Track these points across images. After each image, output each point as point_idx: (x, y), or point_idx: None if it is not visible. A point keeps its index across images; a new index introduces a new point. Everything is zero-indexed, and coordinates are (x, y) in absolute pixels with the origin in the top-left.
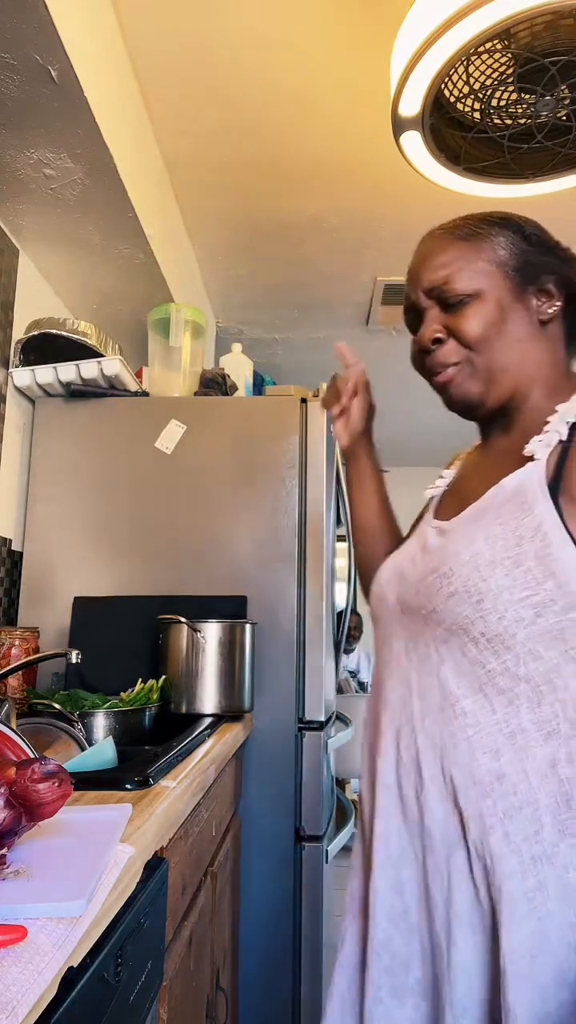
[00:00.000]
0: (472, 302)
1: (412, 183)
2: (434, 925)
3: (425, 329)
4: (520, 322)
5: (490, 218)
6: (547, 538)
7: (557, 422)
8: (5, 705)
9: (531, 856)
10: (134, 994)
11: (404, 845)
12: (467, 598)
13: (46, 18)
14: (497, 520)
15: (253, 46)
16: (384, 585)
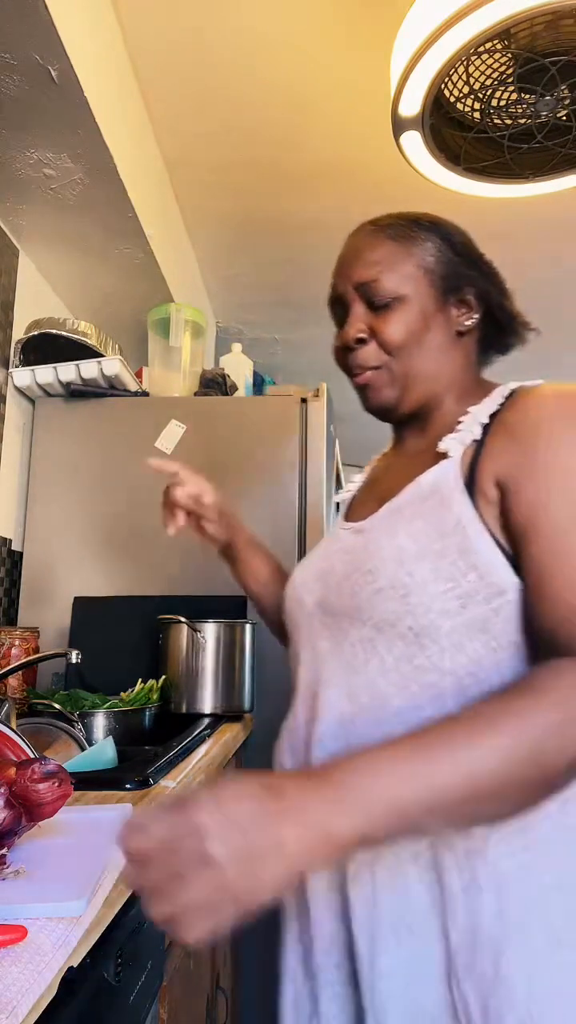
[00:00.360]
0: (398, 306)
1: (412, 183)
2: (356, 932)
3: (350, 327)
4: (439, 331)
5: (421, 221)
6: (466, 532)
7: (470, 422)
8: (5, 705)
9: (464, 851)
10: (134, 994)
11: None
12: (393, 593)
13: (46, 18)
14: (417, 515)
15: (253, 46)
16: (301, 588)
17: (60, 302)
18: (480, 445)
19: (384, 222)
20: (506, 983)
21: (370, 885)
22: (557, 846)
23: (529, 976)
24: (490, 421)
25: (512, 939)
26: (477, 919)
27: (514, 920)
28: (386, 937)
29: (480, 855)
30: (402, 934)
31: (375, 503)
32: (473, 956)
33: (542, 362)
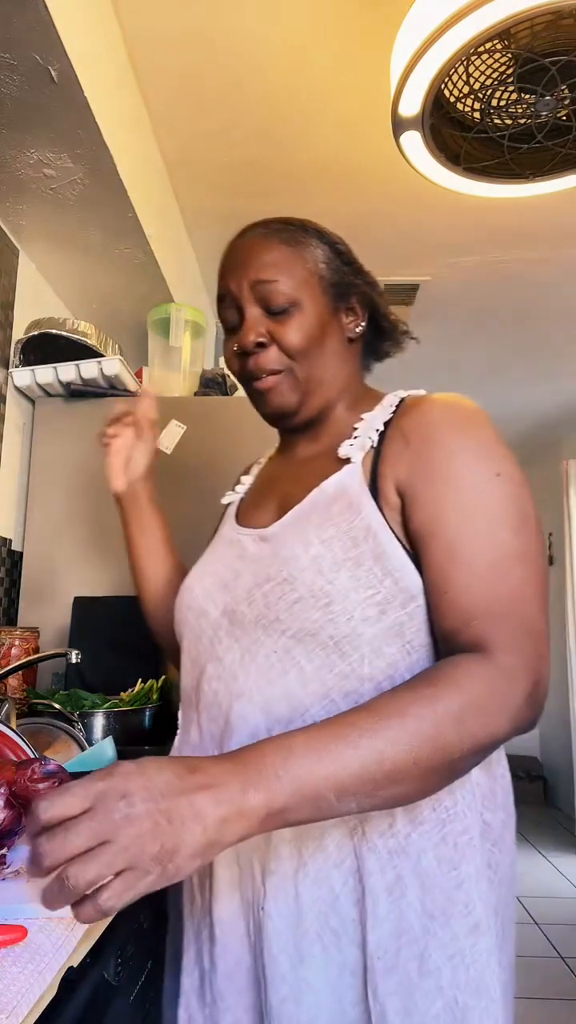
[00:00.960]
0: (296, 312)
1: (412, 183)
2: (269, 954)
3: (248, 332)
4: (334, 337)
5: (307, 227)
6: (378, 538)
7: (367, 428)
8: (5, 705)
9: (387, 851)
10: (134, 994)
11: (245, 866)
12: (314, 603)
13: (46, 18)
14: (328, 522)
15: (253, 46)
16: (203, 598)
17: (60, 302)
18: (378, 452)
19: (274, 226)
20: (433, 975)
21: (293, 897)
22: (474, 838)
23: (453, 964)
24: (385, 428)
25: (436, 932)
26: (402, 918)
27: (438, 913)
28: (311, 945)
29: (403, 853)
30: (327, 940)
31: (274, 508)
32: (396, 958)
33: (542, 362)
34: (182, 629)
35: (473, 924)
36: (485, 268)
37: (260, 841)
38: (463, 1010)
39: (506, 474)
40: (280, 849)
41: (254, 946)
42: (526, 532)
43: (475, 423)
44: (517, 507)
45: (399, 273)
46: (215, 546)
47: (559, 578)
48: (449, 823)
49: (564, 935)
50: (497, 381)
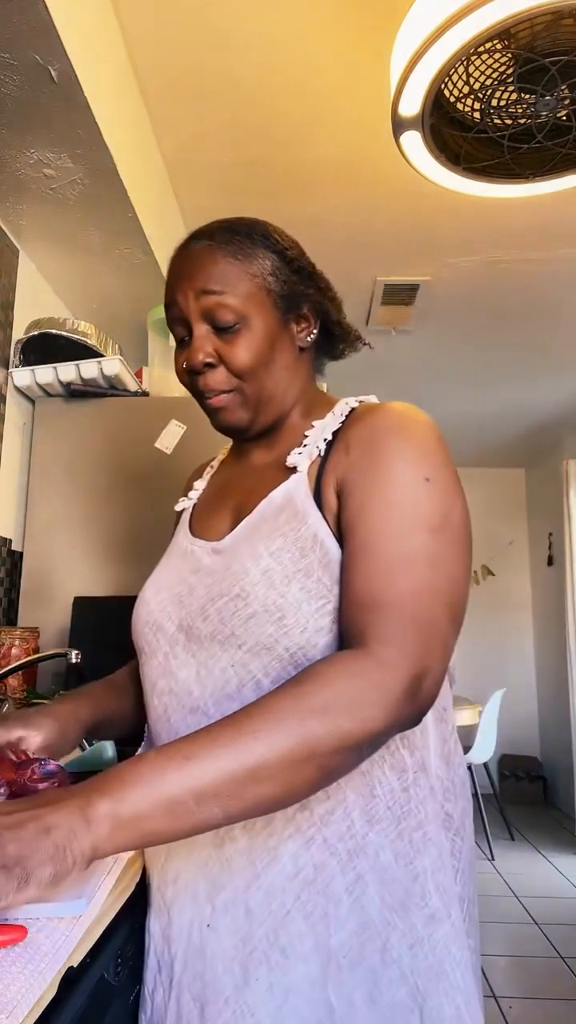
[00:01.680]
0: (243, 330)
1: (412, 183)
2: (212, 974)
3: (196, 351)
4: (284, 350)
5: (254, 234)
6: (324, 546)
7: (315, 437)
8: (5, 705)
9: (347, 852)
10: (134, 994)
11: (184, 885)
12: (268, 617)
13: (46, 18)
14: (276, 532)
15: (253, 47)
16: (158, 612)
17: (60, 302)
18: (324, 460)
19: (220, 239)
20: (396, 963)
21: (244, 912)
22: (429, 832)
23: (412, 952)
24: (333, 438)
25: (396, 923)
26: (363, 914)
27: (396, 905)
28: (257, 966)
29: (361, 852)
30: (274, 960)
31: (228, 519)
32: (361, 952)
33: (542, 362)
34: (140, 644)
35: (430, 914)
36: (485, 268)
37: (211, 854)
38: (424, 995)
39: (437, 480)
40: (233, 861)
41: (185, 971)
42: (445, 538)
43: (416, 431)
44: (440, 513)
45: (399, 273)
46: (170, 556)
47: (559, 578)
48: (404, 819)
49: (564, 935)
50: (497, 381)
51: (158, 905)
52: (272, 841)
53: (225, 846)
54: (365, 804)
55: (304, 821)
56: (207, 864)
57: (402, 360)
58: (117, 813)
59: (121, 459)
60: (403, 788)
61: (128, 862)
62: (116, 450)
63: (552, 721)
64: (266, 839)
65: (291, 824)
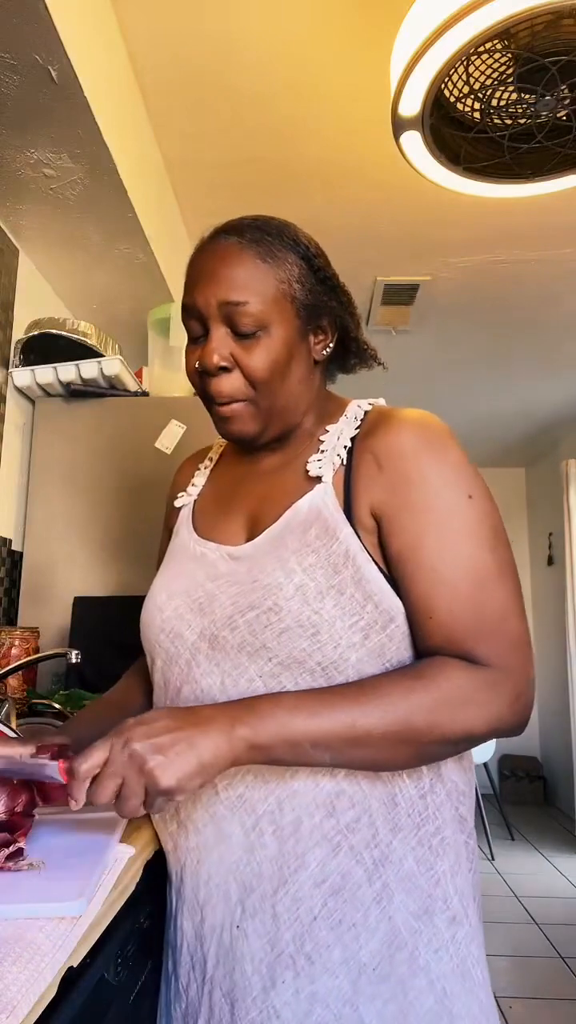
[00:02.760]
0: (263, 337)
1: (412, 183)
2: (241, 973)
3: (212, 353)
4: (301, 362)
5: (284, 237)
6: (356, 562)
7: (333, 442)
8: (5, 705)
9: (373, 861)
10: (134, 994)
11: (216, 886)
12: (302, 632)
13: (46, 18)
14: (306, 548)
15: (253, 46)
16: (175, 619)
17: (60, 302)
18: (349, 470)
19: (249, 236)
20: (423, 971)
21: (271, 916)
22: (447, 836)
23: (439, 956)
24: (352, 444)
25: (421, 930)
26: (391, 923)
27: (421, 912)
28: (284, 971)
29: (386, 861)
30: (300, 965)
31: (242, 524)
32: (391, 964)
33: (542, 362)
34: (154, 651)
35: (452, 916)
36: (485, 268)
37: (242, 858)
38: (451, 997)
39: (477, 495)
40: (263, 867)
41: (217, 968)
42: (501, 549)
43: (445, 445)
44: (490, 526)
45: (399, 273)
46: (177, 557)
47: (559, 578)
48: (423, 826)
49: (564, 935)
50: (497, 381)
51: (191, 904)
52: (300, 848)
53: (255, 851)
54: (388, 813)
55: (331, 829)
56: (238, 867)
57: (402, 360)
58: (252, 741)
59: (121, 459)
60: (420, 795)
61: (128, 862)
62: (116, 450)
63: (552, 721)
64: (294, 845)
65: (318, 831)
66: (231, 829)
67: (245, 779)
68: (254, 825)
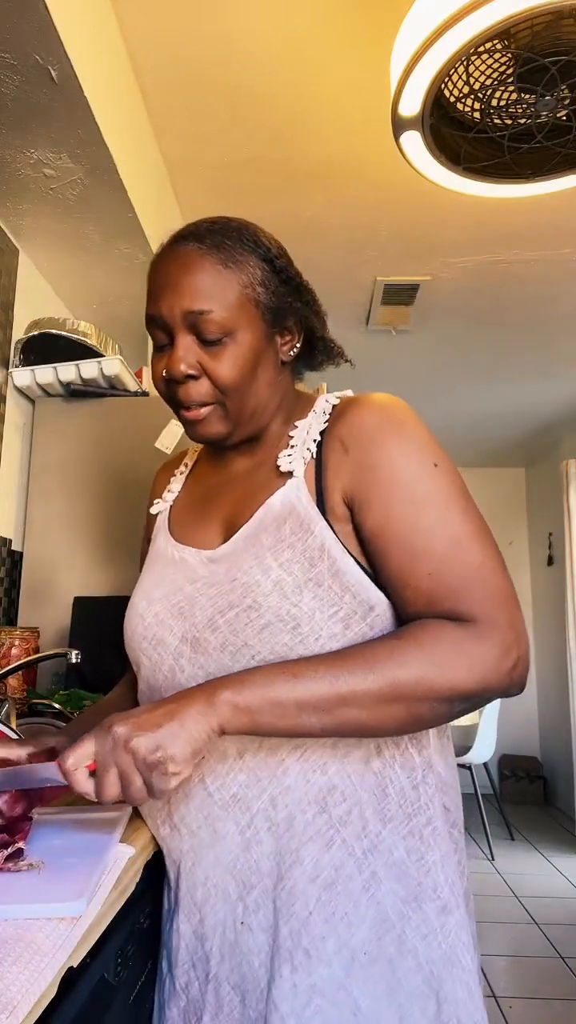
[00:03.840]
0: (229, 343)
1: (412, 183)
2: (249, 966)
3: (178, 361)
4: (268, 364)
5: (244, 240)
6: (332, 555)
7: (303, 437)
8: (5, 705)
9: (362, 851)
10: (134, 994)
11: (214, 886)
12: (283, 627)
13: (46, 18)
14: (282, 543)
15: (253, 46)
16: (156, 626)
17: (60, 302)
18: (319, 464)
19: (209, 242)
20: (411, 953)
21: (272, 911)
22: (438, 827)
23: (427, 943)
24: (321, 438)
25: (410, 916)
26: (379, 908)
27: (410, 899)
28: (282, 965)
29: (375, 851)
30: (298, 959)
31: (218, 527)
32: (379, 945)
33: (542, 362)
34: (138, 658)
35: (442, 906)
36: (485, 268)
37: (239, 856)
38: (439, 981)
39: (442, 464)
40: (261, 863)
41: (222, 964)
42: (472, 512)
43: (405, 422)
44: (458, 491)
45: (399, 273)
46: (155, 564)
47: (559, 578)
48: (414, 816)
49: (564, 935)
50: (497, 381)
51: (188, 906)
52: (294, 843)
53: (252, 848)
54: (378, 803)
55: (324, 824)
56: (235, 866)
57: (402, 360)
58: (235, 702)
59: (121, 459)
60: (413, 786)
61: (128, 862)
62: (116, 450)
63: (552, 721)
64: (289, 841)
65: (311, 827)
66: (226, 829)
67: (238, 779)
68: (249, 823)
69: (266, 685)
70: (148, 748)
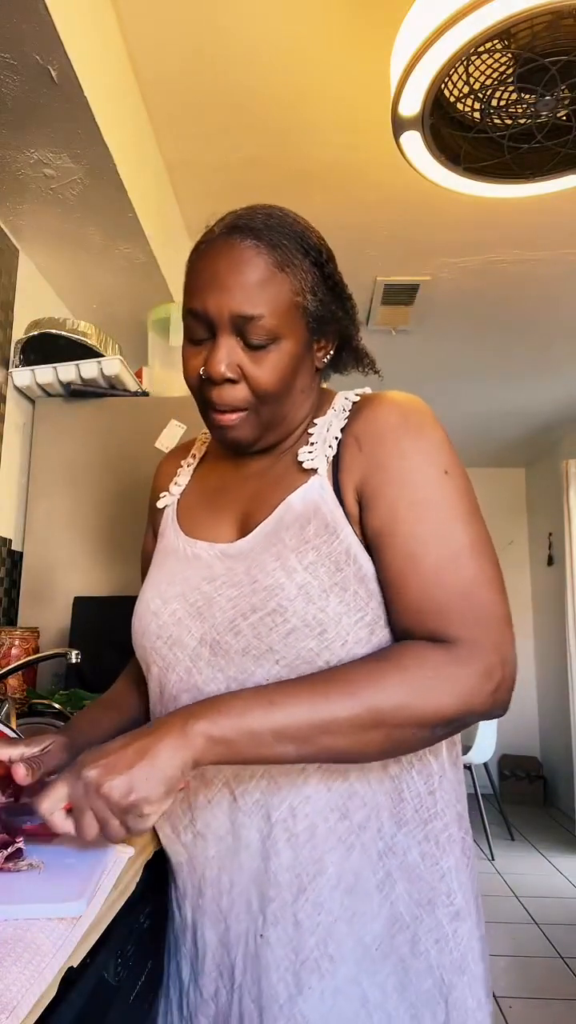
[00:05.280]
0: (274, 349)
1: (412, 183)
2: (267, 981)
3: (219, 363)
4: (305, 372)
5: (301, 241)
6: (358, 560)
7: (323, 434)
8: (5, 705)
9: (377, 852)
10: (134, 994)
11: (239, 894)
12: (309, 632)
13: (46, 18)
14: (306, 545)
15: (253, 46)
16: (173, 625)
17: (60, 302)
18: (336, 462)
19: (267, 239)
20: (423, 956)
21: (293, 924)
22: (453, 833)
23: (439, 947)
24: (341, 435)
25: (423, 919)
26: (393, 909)
27: (424, 902)
28: (310, 975)
29: (390, 852)
30: (324, 967)
31: (232, 522)
32: (391, 944)
33: (542, 362)
34: (150, 657)
35: (455, 912)
36: (485, 268)
37: (260, 866)
38: (449, 987)
39: (453, 471)
40: (279, 875)
41: (245, 975)
42: (476, 524)
43: (423, 423)
44: (466, 502)
45: (399, 273)
46: (167, 559)
47: (559, 578)
48: (430, 821)
49: (564, 935)
50: (497, 381)
51: (214, 914)
52: (316, 853)
53: (271, 859)
54: (393, 807)
55: (344, 830)
56: (257, 876)
57: (402, 360)
58: (210, 733)
59: (121, 459)
60: (429, 792)
61: (128, 862)
62: (116, 450)
63: (552, 721)
64: (311, 851)
65: (333, 834)
66: (250, 836)
67: (260, 784)
68: (269, 833)
69: (243, 714)
70: (121, 792)
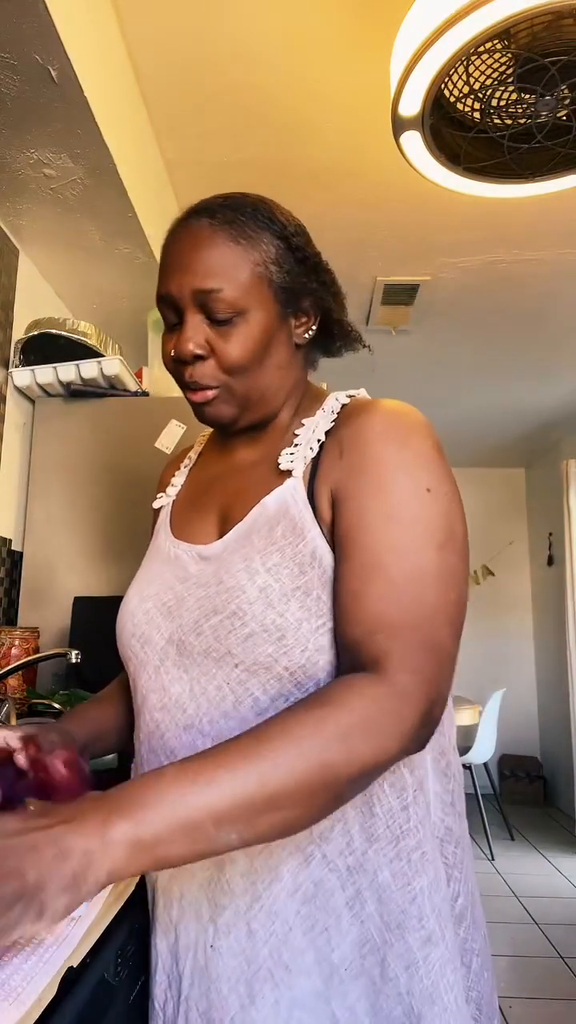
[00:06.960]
0: (240, 323)
1: (412, 183)
2: (217, 992)
3: (186, 341)
4: (280, 347)
5: (259, 215)
6: (323, 563)
7: (307, 437)
8: (5, 705)
9: (346, 868)
10: (134, 994)
11: (189, 904)
12: (267, 637)
13: (46, 18)
14: (272, 546)
15: (253, 46)
16: (145, 624)
17: (60, 302)
18: (315, 464)
19: (221, 217)
20: (392, 982)
21: (246, 933)
22: (427, 852)
23: (408, 974)
24: (325, 438)
25: (393, 943)
26: (363, 928)
27: (394, 925)
28: (263, 984)
29: (360, 869)
30: (279, 976)
31: (213, 522)
32: (362, 964)
33: (542, 362)
34: (127, 656)
35: (426, 936)
36: (485, 268)
37: (213, 875)
38: (418, 1017)
39: (438, 490)
40: (233, 883)
41: (192, 988)
42: (450, 551)
43: (413, 434)
44: (445, 525)
45: (399, 273)
46: (152, 559)
47: (559, 578)
48: (403, 839)
49: (564, 935)
50: (497, 381)
51: (164, 923)
52: (272, 861)
53: (225, 868)
54: (364, 821)
55: (303, 839)
56: (208, 884)
57: (402, 360)
58: (137, 837)
59: (121, 459)
60: (402, 807)
61: None
62: (116, 450)
63: (552, 721)
64: (266, 859)
65: (290, 843)
66: None
67: None
68: None
69: (176, 802)
70: (26, 880)
